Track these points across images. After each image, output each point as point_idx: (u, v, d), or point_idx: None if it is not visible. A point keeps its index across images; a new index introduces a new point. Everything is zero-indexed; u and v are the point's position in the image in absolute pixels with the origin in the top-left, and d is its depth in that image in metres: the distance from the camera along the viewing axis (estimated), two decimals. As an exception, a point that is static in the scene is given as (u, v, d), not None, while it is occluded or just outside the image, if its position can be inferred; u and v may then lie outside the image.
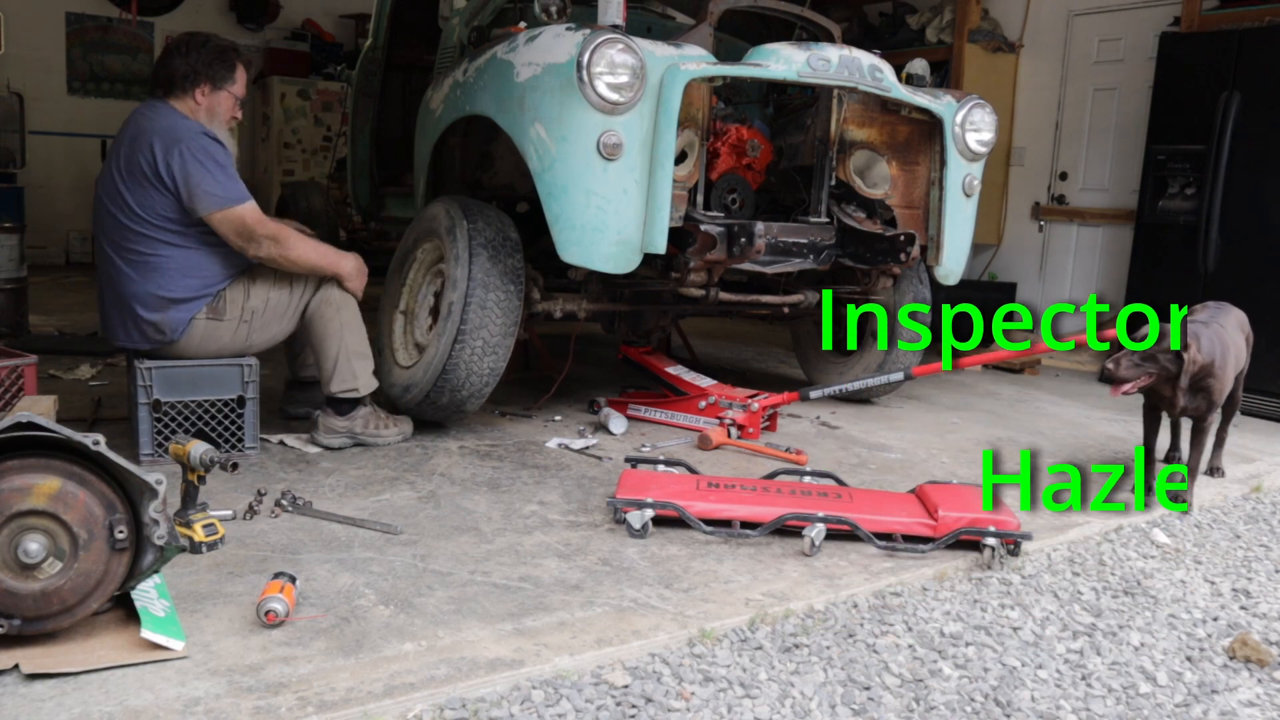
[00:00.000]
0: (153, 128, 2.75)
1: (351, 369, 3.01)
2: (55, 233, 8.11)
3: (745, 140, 3.45)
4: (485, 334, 3.08)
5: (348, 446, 3.06)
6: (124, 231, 2.76)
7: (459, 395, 3.15)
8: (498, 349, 3.13)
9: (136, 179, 2.73)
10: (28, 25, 7.79)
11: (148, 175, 2.71)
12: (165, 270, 2.77)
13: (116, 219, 2.77)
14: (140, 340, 2.82)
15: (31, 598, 1.67)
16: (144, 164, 2.72)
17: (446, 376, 3.09)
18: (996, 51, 6.33)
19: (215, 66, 2.84)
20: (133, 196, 2.73)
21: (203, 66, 2.82)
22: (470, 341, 3.06)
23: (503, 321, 3.11)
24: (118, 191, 2.75)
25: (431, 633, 1.87)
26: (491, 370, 3.14)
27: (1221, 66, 4.61)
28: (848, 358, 4.20)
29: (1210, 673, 2.00)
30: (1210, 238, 4.64)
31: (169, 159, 2.70)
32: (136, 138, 2.75)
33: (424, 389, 3.14)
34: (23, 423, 1.66)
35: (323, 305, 2.98)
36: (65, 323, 5.17)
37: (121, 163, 2.76)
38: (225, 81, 2.86)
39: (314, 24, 9.14)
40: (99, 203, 2.83)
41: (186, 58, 2.81)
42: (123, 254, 2.78)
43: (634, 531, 2.43)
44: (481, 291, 3.07)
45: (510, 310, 3.13)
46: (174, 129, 2.74)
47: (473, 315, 3.05)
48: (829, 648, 1.97)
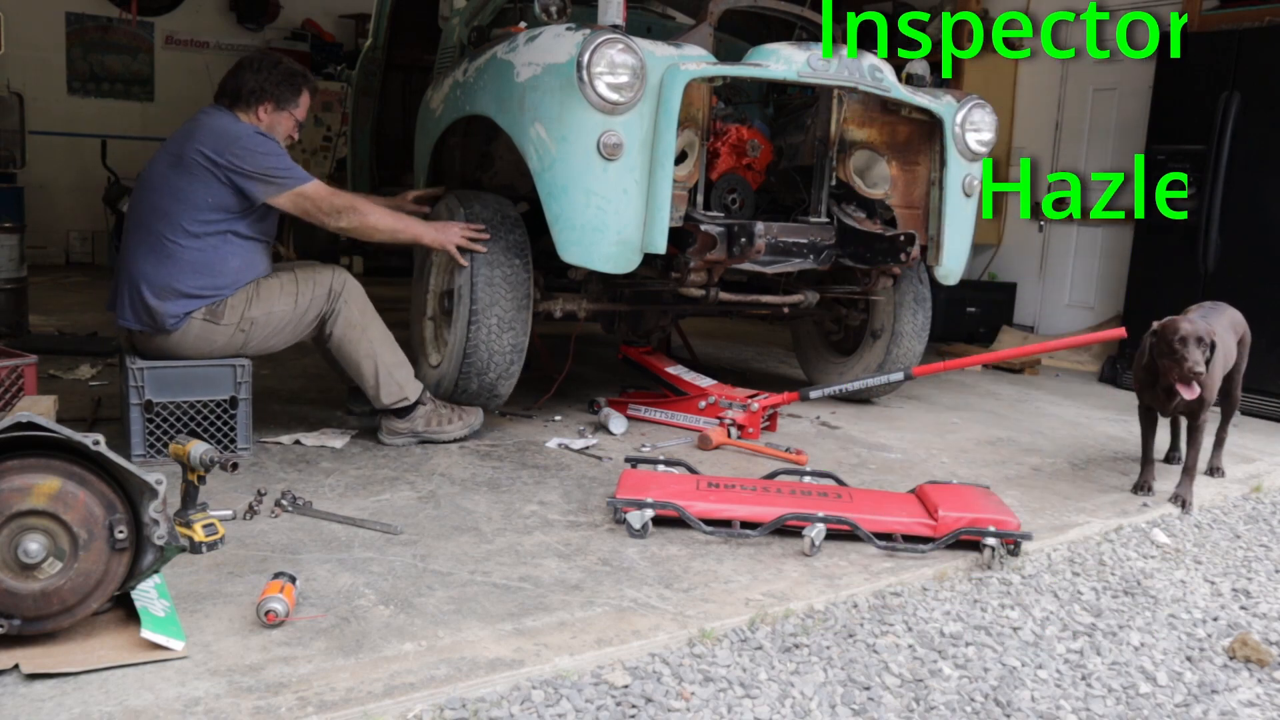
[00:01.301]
0: (211, 124, 2.85)
1: (394, 381, 3.03)
2: (55, 233, 8.11)
3: (745, 140, 3.45)
4: (498, 310, 3.11)
5: (413, 444, 3.11)
6: (155, 212, 2.81)
7: (487, 378, 3.20)
8: (514, 324, 3.15)
9: (184, 167, 2.80)
10: (28, 25, 7.79)
11: (198, 164, 2.78)
12: (179, 261, 2.80)
13: (154, 202, 2.83)
14: (134, 321, 2.83)
15: (31, 598, 1.67)
16: (196, 154, 2.79)
17: (469, 360, 3.14)
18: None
19: (282, 88, 2.96)
20: (179, 182, 2.80)
21: (270, 85, 2.94)
22: (484, 320, 3.09)
23: (513, 295, 3.14)
24: (162, 176, 2.83)
25: (431, 633, 1.87)
26: (514, 346, 3.18)
27: (1221, 66, 4.61)
28: (848, 358, 4.20)
29: (1210, 673, 2.00)
30: (1210, 238, 4.64)
31: (227, 154, 2.78)
32: (194, 131, 2.84)
33: (452, 379, 3.20)
34: (23, 423, 1.66)
35: (347, 330, 2.98)
36: (65, 323, 5.17)
37: (174, 148, 2.85)
38: (289, 104, 2.98)
39: (314, 24, 9.14)
40: (142, 187, 2.91)
41: (257, 74, 2.93)
42: (149, 235, 2.82)
43: (634, 531, 2.43)
44: (487, 269, 3.10)
45: (519, 284, 3.16)
46: (231, 129, 2.85)
47: (481, 294, 3.09)
48: (829, 648, 1.97)
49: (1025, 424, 4.04)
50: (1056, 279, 6.16)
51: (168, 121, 8.37)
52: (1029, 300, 6.29)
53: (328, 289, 2.96)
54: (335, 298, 2.97)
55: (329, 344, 3.01)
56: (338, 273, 3.01)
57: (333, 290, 2.96)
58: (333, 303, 2.97)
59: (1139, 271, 5.05)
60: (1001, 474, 3.23)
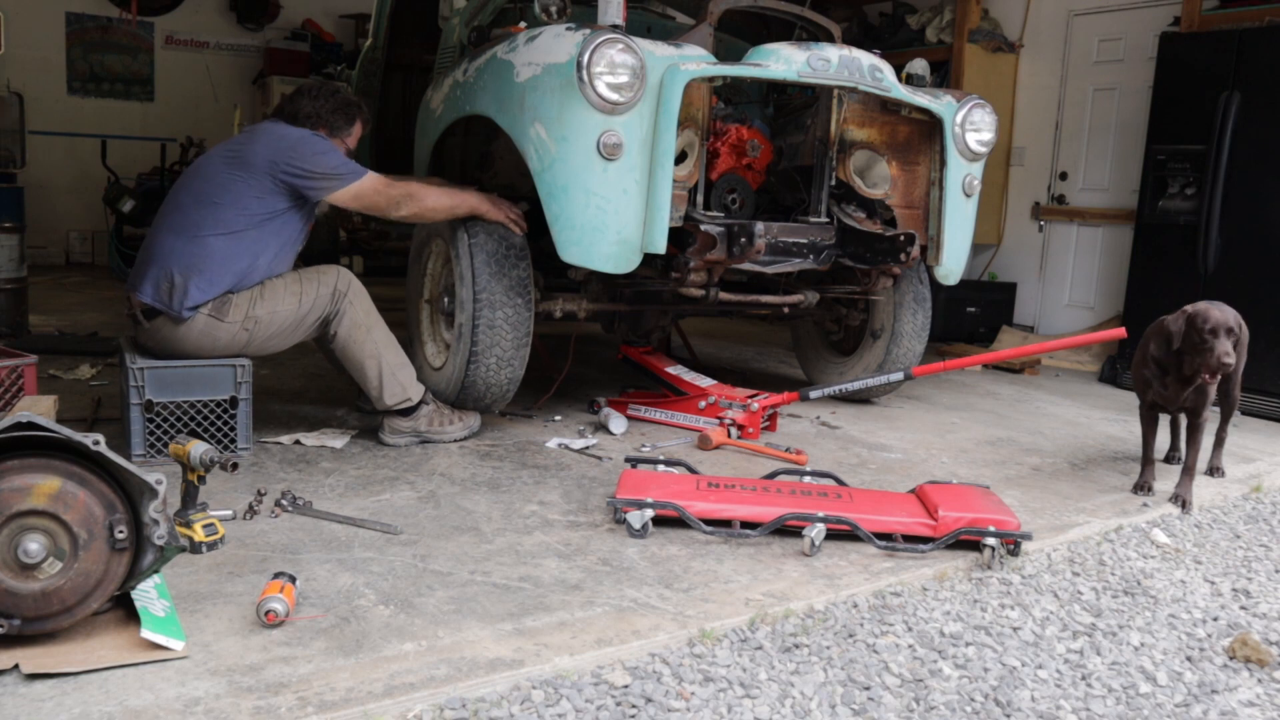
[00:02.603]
0: (274, 131, 2.93)
1: (398, 382, 3.05)
2: (55, 233, 8.11)
3: (745, 140, 3.45)
4: (498, 351, 3.19)
5: (414, 444, 3.14)
6: (200, 201, 2.86)
7: (483, 403, 3.33)
8: (512, 361, 3.24)
9: (241, 164, 2.86)
10: (28, 25, 7.80)
11: (256, 165, 2.84)
12: (210, 251, 2.82)
13: (198, 186, 2.88)
14: (153, 297, 2.82)
15: (31, 598, 1.67)
16: (255, 156, 2.86)
17: (467, 391, 3.25)
18: (996, 51, 6.33)
19: (337, 116, 3.07)
20: (226, 175, 2.85)
21: (326, 113, 3.05)
22: (484, 360, 3.18)
23: (513, 337, 3.20)
24: (214, 167, 2.89)
25: (431, 633, 1.87)
26: (510, 380, 3.29)
27: (1221, 66, 4.61)
28: (848, 358, 4.20)
29: (1210, 673, 2.00)
30: (1210, 238, 4.64)
31: (288, 156, 2.86)
32: (256, 134, 2.94)
33: (449, 398, 3.31)
34: (23, 423, 1.66)
35: (351, 331, 2.99)
36: (65, 323, 5.17)
37: (234, 146, 2.93)
38: (341, 132, 3.10)
39: (314, 24, 9.13)
40: (189, 171, 2.97)
41: (315, 101, 3.04)
42: (185, 219, 2.84)
43: (634, 531, 2.43)
44: (489, 312, 3.14)
45: (520, 324, 3.21)
46: (290, 133, 2.93)
47: (482, 337, 3.15)
48: (829, 648, 1.97)
49: (1025, 424, 4.04)
50: (1056, 279, 6.16)
51: (168, 121, 8.40)
52: (1029, 300, 6.29)
53: (331, 289, 2.96)
54: (339, 298, 2.97)
55: (332, 344, 3.01)
56: (341, 273, 3.01)
57: (337, 290, 2.96)
58: (337, 303, 2.97)
59: (1139, 271, 5.05)
60: (1001, 474, 3.23)
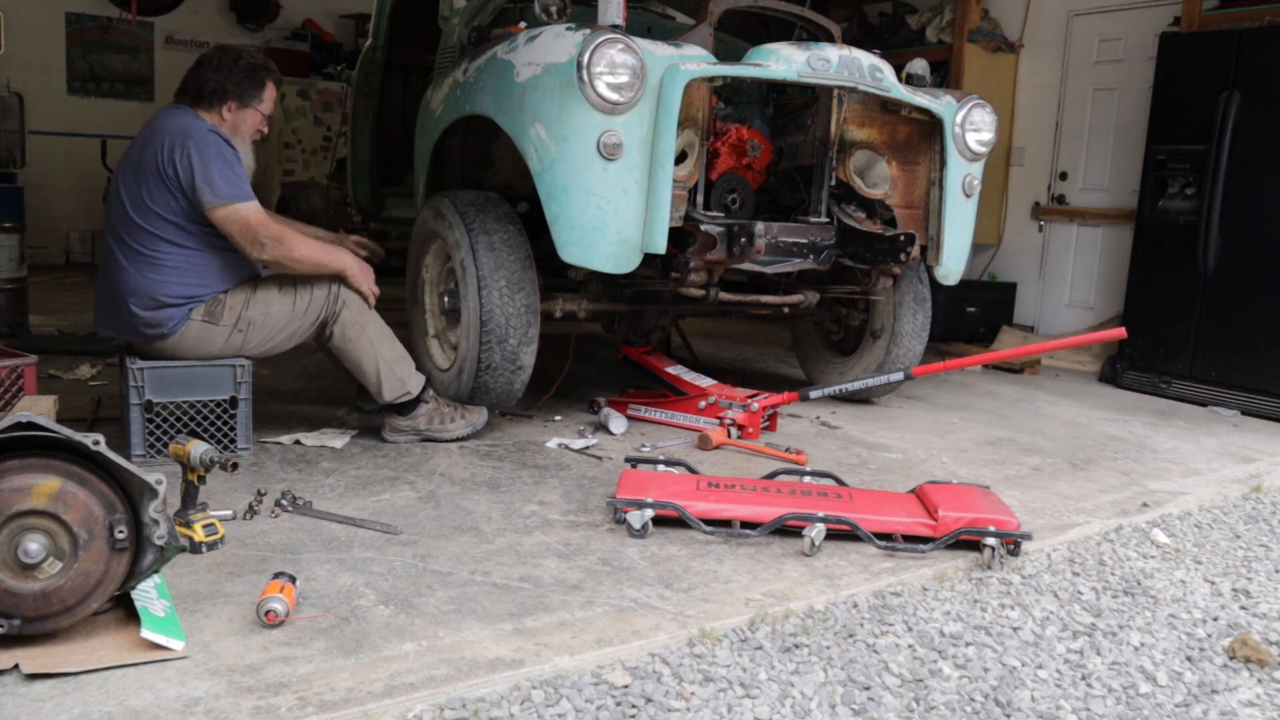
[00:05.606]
0: (166, 126, 2.80)
1: (396, 376, 3.03)
2: (55, 233, 8.10)
3: (745, 140, 3.45)
4: (508, 345, 3.19)
5: (415, 443, 3.12)
6: (129, 225, 2.78)
7: (493, 397, 3.29)
8: (520, 353, 3.22)
9: (145, 174, 2.76)
10: (28, 25, 7.79)
11: (156, 171, 2.75)
12: (162, 268, 2.77)
13: (124, 212, 2.79)
14: (127, 333, 2.83)
15: (31, 598, 1.67)
16: (153, 159, 2.75)
17: (477, 388, 3.24)
18: (996, 51, 6.33)
19: (245, 84, 2.89)
20: (141, 190, 2.77)
21: (232, 84, 2.87)
22: (495, 351, 3.18)
23: (520, 327, 3.19)
24: (127, 185, 2.80)
25: (431, 633, 1.87)
26: (519, 370, 3.25)
27: (1221, 66, 4.61)
28: (848, 358, 4.20)
29: (1210, 673, 2.00)
30: (1210, 238, 4.64)
31: (175, 154, 2.73)
32: (152, 135, 2.80)
33: (461, 397, 3.29)
34: (23, 423, 1.66)
35: (347, 330, 2.98)
36: (65, 323, 5.17)
37: (135, 157, 2.81)
38: (253, 100, 2.92)
39: (314, 24, 9.13)
40: (111, 195, 2.87)
41: (217, 73, 2.86)
42: (124, 248, 2.79)
43: (634, 531, 2.43)
44: (494, 299, 3.15)
45: (526, 312, 3.20)
46: (186, 127, 2.78)
47: (492, 329, 3.15)
48: (829, 648, 1.97)
49: (1025, 424, 4.04)
50: (1056, 279, 6.16)
51: (168, 121, 8.38)
52: (1029, 300, 6.29)
53: (326, 290, 2.95)
54: (334, 299, 2.96)
55: (330, 344, 3.01)
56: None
57: (331, 291, 2.96)
58: (332, 304, 2.96)
59: (1139, 271, 5.05)
60: (1001, 474, 3.23)
